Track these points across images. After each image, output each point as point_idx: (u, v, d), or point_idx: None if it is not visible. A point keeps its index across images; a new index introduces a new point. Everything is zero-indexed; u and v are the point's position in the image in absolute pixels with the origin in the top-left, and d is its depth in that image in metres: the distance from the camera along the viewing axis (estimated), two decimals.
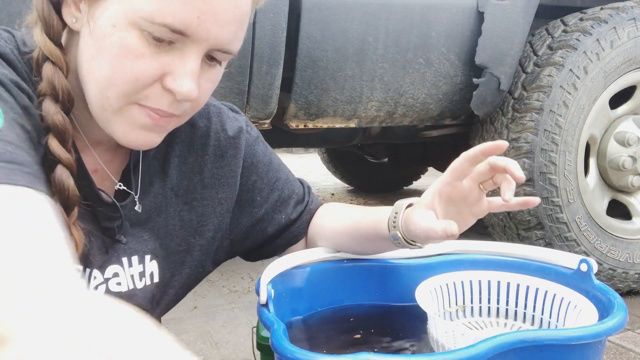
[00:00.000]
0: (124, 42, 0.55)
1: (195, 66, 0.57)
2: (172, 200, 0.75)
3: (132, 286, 0.70)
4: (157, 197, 0.73)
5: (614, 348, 1.53)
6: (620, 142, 1.84)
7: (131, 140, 0.61)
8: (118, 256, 0.69)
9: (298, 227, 0.87)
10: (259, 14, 1.42)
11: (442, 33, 1.67)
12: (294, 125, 1.71)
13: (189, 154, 0.77)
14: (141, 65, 0.55)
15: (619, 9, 1.78)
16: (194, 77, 0.57)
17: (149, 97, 0.58)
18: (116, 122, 0.60)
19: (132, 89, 0.57)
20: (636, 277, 1.88)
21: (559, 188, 1.74)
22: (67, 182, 0.56)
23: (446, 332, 0.67)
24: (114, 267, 0.68)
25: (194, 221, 0.77)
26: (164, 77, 0.57)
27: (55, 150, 0.56)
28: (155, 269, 0.73)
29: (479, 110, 1.80)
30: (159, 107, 0.59)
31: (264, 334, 0.81)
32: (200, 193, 0.78)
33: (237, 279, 2.12)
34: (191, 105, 0.62)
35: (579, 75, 1.73)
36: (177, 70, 0.57)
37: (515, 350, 0.59)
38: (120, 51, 0.55)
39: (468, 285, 0.82)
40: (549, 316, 0.77)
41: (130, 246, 0.70)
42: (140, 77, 0.56)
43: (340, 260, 0.85)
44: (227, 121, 0.81)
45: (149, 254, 0.72)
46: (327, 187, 4.18)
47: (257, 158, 0.83)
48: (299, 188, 0.89)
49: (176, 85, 0.57)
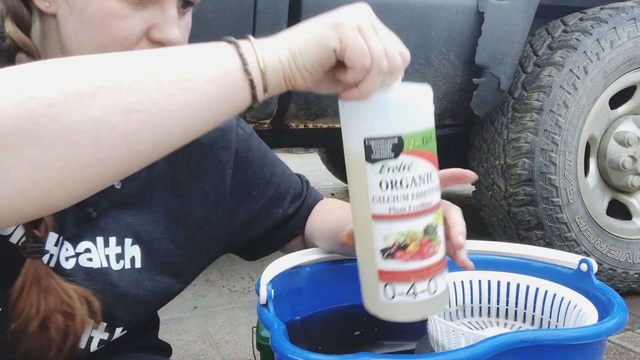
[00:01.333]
0: (105, 8, 0.58)
1: (175, 13, 0.62)
2: (158, 187, 0.75)
3: (105, 265, 0.69)
4: (142, 183, 0.74)
5: (614, 348, 1.53)
6: (620, 142, 1.84)
7: None
8: (93, 234, 0.69)
9: (295, 223, 0.87)
10: (259, 14, 1.42)
11: (442, 33, 1.67)
12: (294, 125, 1.71)
13: None
14: (127, 25, 0.59)
15: (619, 9, 1.78)
16: (176, 24, 0.62)
17: None
18: None
19: (123, 49, 0.59)
20: (636, 277, 1.88)
21: (559, 188, 1.74)
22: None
23: (446, 332, 0.67)
24: (86, 243, 0.68)
25: (179, 210, 0.77)
26: (149, 31, 0.61)
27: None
28: (138, 254, 0.73)
29: (479, 110, 1.80)
30: None
31: (264, 334, 0.81)
32: (187, 183, 0.78)
33: (237, 279, 2.12)
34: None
35: (579, 75, 1.73)
36: (160, 22, 0.61)
37: (515, 350, 0.59)
38: (104, 17, 0.58)
39: (468, 285, 0.82)
40: (549, 316, 0.77)
41: (109, 226, 0.70)
42: (129, 37, 0.59)
43: (340, 260, 0.85)
44: None
45: (130, 237, 0.72)
46: (327, 187, 4.17)
47: (252, 153, 0.83)
48: (297, 183, 0.89)
49: (163, 35, 0.61)
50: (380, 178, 0.53)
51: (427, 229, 0.56)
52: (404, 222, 0.54)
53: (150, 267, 0.74)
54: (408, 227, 0.55)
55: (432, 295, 0.58)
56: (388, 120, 0.52)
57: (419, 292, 0.57)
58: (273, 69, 0.50)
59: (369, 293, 0.60)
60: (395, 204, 0.54)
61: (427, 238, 0.56)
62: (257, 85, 0.50)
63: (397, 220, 0.54)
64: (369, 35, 0.51)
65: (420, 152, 0.53)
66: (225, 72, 0.48)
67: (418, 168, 0.54)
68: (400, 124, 0.52)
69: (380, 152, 0.52)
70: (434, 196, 0.56)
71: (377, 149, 0.52)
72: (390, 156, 0.52)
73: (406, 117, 0.53)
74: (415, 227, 0.55)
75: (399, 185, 0.53)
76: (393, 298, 0.57)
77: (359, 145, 0.53)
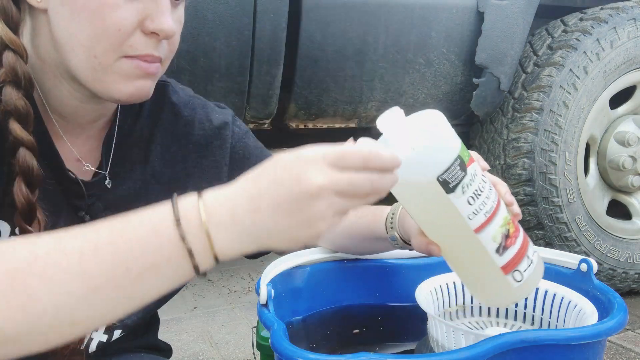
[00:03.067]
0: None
1: (167, 3, 0.61)
2: (154, 187, 0.75)
3: None
4: (136, 182, 0.74)
5: (614, 348, 1.53)
6: (620, 142, 1.84)
7: (128, 94, 0.63)
8: None
9: None
10: (259, 14, 1.42)
11: (442, 33, 1.67)
12: (294, 125, 1.71)
13: (172, 142, 0.77)
14: (120, 15, 0.59)
15: (619, 9, 1.78)
16: (169, 14, 0.62)
17: (134, 46, 0.61)
18: (110, 80, 0.62)
19: (117, 40, 0.60)
20: (636, 277, 1.88)
21: (559, 188, 1.74)
22: (31, 162, 0.59)
23: (446, 332, 0.67)
24: None
25: None
26: (143, 21, 0.60)
27: (18, 133, 0.58)
28: None
29: (479, 110, 1.80)
30: (146, 52, 0.62)
31: (264, 334, 0.81)
32: (184, 182, 0.78)
33: (237, 279, 2.12)
34: (169, 48, 0.66)
35: (579, 75, 1.73)
36: (153, 12, 0.60)
37: (515, 350, 0.59)
38: (97, 8, 0.58)
39: None
40: (549, 316, 0.77)
41: None
42: (122, 27, 0.59)
43: (340, 260, 0.85)
44: (212, 112, 0.81)
45: None
46: None
47: (249, 150, 0.83)
48: None
49: (157, 24, 0.60)
50: (465, 197, 0.57)
51: (505, 208, 0.62)
52: (497, 216, 0.60)
53: None
54: (501, 217, 0.60)
55: (536, 253, 0.65)
56: (443, 150, 0.56)
57: (532, 257, 0.64)
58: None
59: (498, 292, 0.65)
60: (485, 207, 0.59)
61: (509, 214, 0.62)
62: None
63: (493, 218, 0.59)
64: (341, 190, 0.46)
65: (470, 157, 0.58)
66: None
67: (477, 169, 0.59)
68: (450, 145, 0.57)
69: (455, 178, 0.56)
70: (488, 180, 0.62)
71: (450, 177, 0.56)
72: (462, 175, 0.56)
73: (448, 137, 0.57)
74: (503, 212, 0.61)
75: (480, 192, 0.58)
76: (522, 279, 0.62)
77: (434, 187, 0.56)
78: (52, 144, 0.66)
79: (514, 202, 0.67)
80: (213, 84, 1.45)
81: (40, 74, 0.65)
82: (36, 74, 0.64)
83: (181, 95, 0.80)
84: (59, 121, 0.68)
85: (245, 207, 0.46)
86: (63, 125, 0.68)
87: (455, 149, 0.57)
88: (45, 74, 0.65)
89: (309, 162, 0.46)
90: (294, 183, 0.45)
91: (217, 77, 1.44)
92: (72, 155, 0.69)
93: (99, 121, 0.72)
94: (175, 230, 0.46)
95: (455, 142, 0.57)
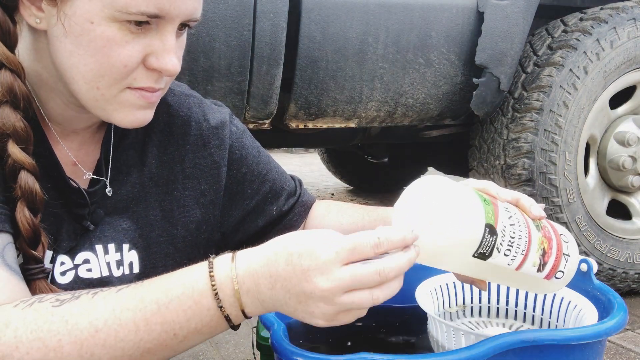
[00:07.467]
0: (106, 36, 0.57)
1: (173, 41, 0.61)
2: (152, 190, 0.75)
3: (106, 273, 0.70)
4: (134, 186, 0.73)
5: (614, 348, 1.53)
6: (620, 142, 1.84)
7: (130, 122, 0.64)
8: (91, 243, 0.69)
9: (291, 220, 0.87)
10: (259, 14, 1.42)
11: (442, 33, 1.67)
12: (294, 125, 1.71)
13: (168, 143, 0.77)
14: (127, 53, 0.58)
15: (619, 9, 1.78)
16: (174, 52, 0.61)
17: (137, 79, 0.61)
18: (113, 109, 0.62)
19: (121, 76, 0.60)
20: (636, 277, 1.88)
21: (559, 188, 1.74)
22: (33, 186, 0.59)
23: (446, 332, 0.67)
24: (85, 253, 0.69)
25: (175, 212, 0.77)
26: (147, 57, 0.60)
27: (18, 157, 0.58)
28: (135, 259, 0.73)
29: (479, 110, 1.80)
30: (148, 85, 0.62)
31: (264, 334, 0.81)
32: (182, 183, 0.77)
33: None
34: (170, 78, 0.66)
35: (579, 75, 1.73)
36: (158, 50, 0.60)
37: (516, 350, 0.59)
38: (105, 44, 0.57)
39: (468, 285, 0.82)
40: (549, 316, 0.77)
41: (106, 234, 0.70)
42: (128, 64, 0.59)
43: None
44: (209, 112, 0.81)
45: (127, 243, 0.72)
46: (327, 187, 4.17)
47: (246, 150, 0.83)
48: (291, 181, 0.89)
49: (161, 64, 0.60)
50: (503, 254, 0.59)
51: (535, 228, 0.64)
52: (532, 247, 0.61)
53: (148, 271, 0.74)
54: (535, 244, 0.62)
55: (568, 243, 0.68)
56: (471, 226, 0.56)
57: (567, 252, 0.66)
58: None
59: (544, 290, 0.69)
60: (520, 248, 0.60)
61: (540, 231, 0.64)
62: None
63: (529, 251, 0.61)
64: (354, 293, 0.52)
65: (494, 210, 0.59)
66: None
67: (502, 216, 0.60)
68: (476, 217, 0.57)
69: (489, 247, 0.57)
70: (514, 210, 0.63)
71: (484, 248, 0.57)
72: (494, 239, 0.57)
73: (470, 207, 0.57)
74: (536, 237, 0.62)
75: (512, 238, 0.59)
76: (563, 275, 0.65)
77: (471, 261, 0.58)
78: (52, 152, 0.66)
79: (542, 215, 0.66)
80: (213, 84, 1.45)
81: (37, 85, 0.64)
82: (32, 85, 0.63)
83: (177, 94, 0.80)
84: (54, 127, 0.67)
85: (265, 283, 0.54)
86: (59, 131, 0.68)
87: (480, 217, 0.56)
88: (42, 87, 0.64)
89: (319, 262, 0.52)
90: (303, 279, 0.52)
91: (217, 77, 1.44)
92: (69, 159, 0.69)
93: (93, 126, 0.72)
94: (214, 302, 0.55)
95: (477, 209, 0.57)
